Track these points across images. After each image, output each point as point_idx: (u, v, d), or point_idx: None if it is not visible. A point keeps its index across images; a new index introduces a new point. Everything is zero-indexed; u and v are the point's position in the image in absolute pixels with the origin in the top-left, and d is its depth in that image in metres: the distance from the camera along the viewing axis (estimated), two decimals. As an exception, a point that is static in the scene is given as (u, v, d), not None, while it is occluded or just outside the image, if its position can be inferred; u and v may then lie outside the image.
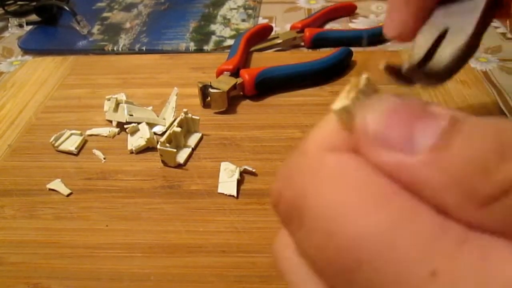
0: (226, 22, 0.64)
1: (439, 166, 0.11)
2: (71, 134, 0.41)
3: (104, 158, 0.39)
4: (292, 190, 0.13)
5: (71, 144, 0.40)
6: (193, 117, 0.40)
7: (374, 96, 0.13)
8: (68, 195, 0.35)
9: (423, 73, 0.24)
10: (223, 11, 0.67)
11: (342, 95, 0.13)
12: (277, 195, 0.14)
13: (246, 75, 0.45)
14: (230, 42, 0.58)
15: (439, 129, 0.11)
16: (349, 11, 0.65)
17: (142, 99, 0.46)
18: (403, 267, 0.10)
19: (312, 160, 0.13)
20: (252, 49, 0.55)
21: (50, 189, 0.36)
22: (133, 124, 0.41)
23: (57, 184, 0.36)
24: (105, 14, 0.68)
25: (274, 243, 0.15)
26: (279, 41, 0.56)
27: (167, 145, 0.37)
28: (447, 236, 0.11)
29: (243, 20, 0.64)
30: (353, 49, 0.50)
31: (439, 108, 0.12)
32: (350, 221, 0.11)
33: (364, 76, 0.13)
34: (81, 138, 0.40)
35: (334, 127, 0.13)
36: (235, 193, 0.34)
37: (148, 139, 0.39)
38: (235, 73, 0.46)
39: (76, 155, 0.39)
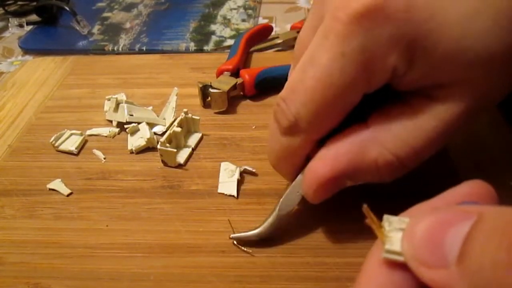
0: (226, 22, 0.64)
1: (466, 275, 0.11)
2: (71, 134, 0.41)
3: (104, 158, 0.39)
4: None
5: (71, 144, 0.40)
6: (193, 117, 0.40)
7: (401, 224, 0.14)
8: (68, 195, 0.35)
9: None
10: (223, 11, 0.67)
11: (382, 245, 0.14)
12: None
13: (246, 75, 0.45)
14: (230, 42, 0.58)
15: (462, 234, 0.11)
16: (349, 11, 0.65)
17: (142, 99, 0.46)
18: None
19: None
20: (252, 49, 0.54)
21: (50, 189, 0.36)
22: (133, 124, 0.41)
23: (57, 184, 0.36)
24: (105, 14, 0.68)
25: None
26: (279, 41, 0.56)
27: (167, 145, 0.37)
28: None
29: (243, 20, 0.64)
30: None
31: (464, 207, 0.12)
32: None
33: (385, 220, 0.15)
34: (81, 138, 0.40)
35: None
36: (235, 193, 0.34)
37: (148, 139, 0.39)
38: (235, 73, 0.46)
39: (76, 155, 0.39)
